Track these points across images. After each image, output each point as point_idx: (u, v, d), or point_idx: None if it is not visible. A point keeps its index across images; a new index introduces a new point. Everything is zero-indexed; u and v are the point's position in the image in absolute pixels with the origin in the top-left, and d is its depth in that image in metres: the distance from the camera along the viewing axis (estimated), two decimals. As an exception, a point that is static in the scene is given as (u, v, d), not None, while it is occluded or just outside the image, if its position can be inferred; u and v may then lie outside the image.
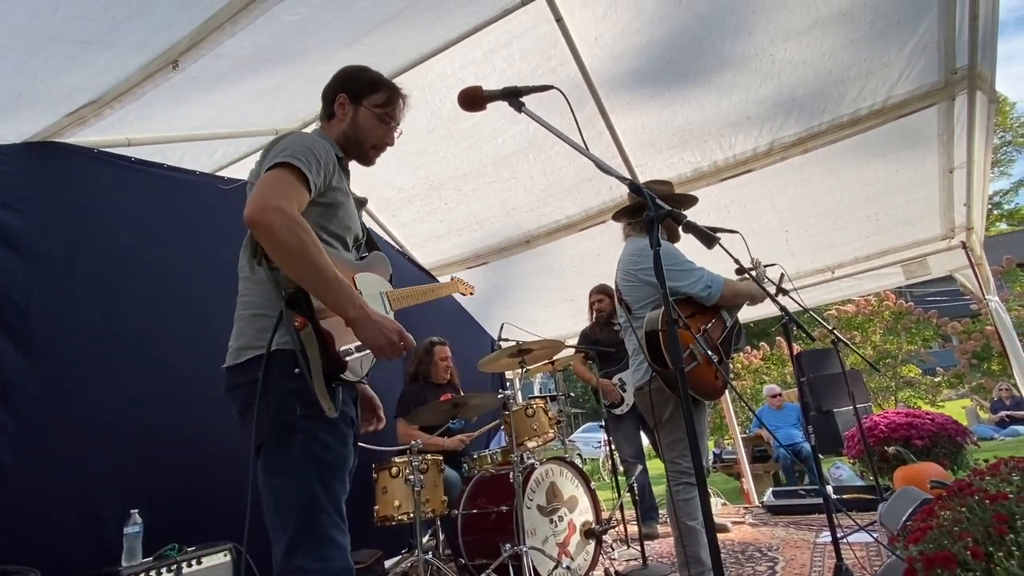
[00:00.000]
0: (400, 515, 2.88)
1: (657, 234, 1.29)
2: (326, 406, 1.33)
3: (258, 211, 1.28)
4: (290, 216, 1.29)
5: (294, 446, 1.33)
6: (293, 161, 1.36)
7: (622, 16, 3.22)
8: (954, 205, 4.28)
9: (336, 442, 1.39)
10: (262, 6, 2.07)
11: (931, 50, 3.32)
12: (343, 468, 1.41)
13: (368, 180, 4.21)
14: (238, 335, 1.45)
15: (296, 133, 1.53)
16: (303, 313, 1.35)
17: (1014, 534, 1.18)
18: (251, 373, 1.36)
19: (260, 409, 1.33)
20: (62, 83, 2.12)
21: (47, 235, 2.41)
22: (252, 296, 1.45)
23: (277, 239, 1.28)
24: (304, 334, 1.34)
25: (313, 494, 1.32)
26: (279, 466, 1.35)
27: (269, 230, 1.27)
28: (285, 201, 1.30)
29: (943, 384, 11.28)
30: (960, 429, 3.89)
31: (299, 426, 1.34)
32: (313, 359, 1.34)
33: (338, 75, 1.68)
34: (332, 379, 1.37)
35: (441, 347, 3.93)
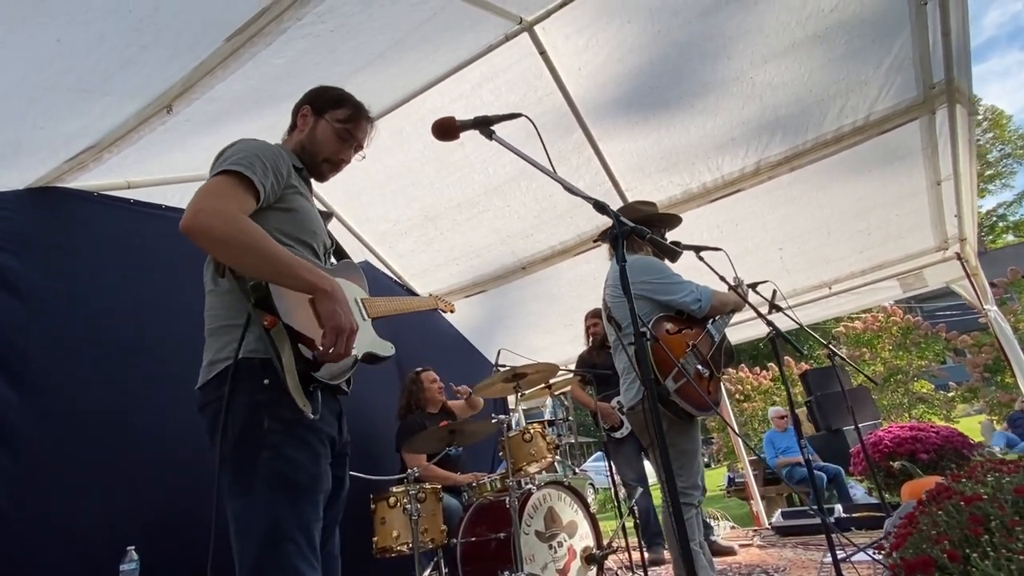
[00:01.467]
0: (399, 546, 2.85)
1: (622, 250, 1.34)
2: (301, 403, 1.25)
3: (190, 217, 1.23)
4: (224, 212, 1.24)
5: (259, 464, 1.23)
6: (234, 168, 1.32)
7: (603, 47, 3.33)
8: (945, 217, 4.31)
9: (308, 461, 1.29)
10: (250, 50, 2.17)
11: (907, 66, 3.40)
12: (315, 491, 1.29)
13: (364, 213, 4.32)
14: (207, 351, 1.39)
15: (243, 139, 1.48)
16: (271, 311, 1.28)
17: (989, 535, 1.18)
18: (219, 388, 1.29)
19: (225, 424, 1.24)
20: (61, 130, 2.21)
21: (48, 278, 2.48)
22: (217, 309, 1.40)
23: (216, 238, 1.23)
24: (275, 332, 1.28)
25: (278, 519, 1.21)
26: (242, 487, 1.24)
27: (206, 233, 1.22)
28: (220, 203, 1.26)
29: (957, 399, 11.09)
30: (966, 442, 3.84)
31: (266, 442, 1.24)
32: (286, 357, 1.27)
33: (308, 92, 1.71)
34: (309, 380, 1.30)
35: (426, 373, 3.95)
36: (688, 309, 2.40)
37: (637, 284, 2.44)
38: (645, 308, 2.41)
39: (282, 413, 1.25)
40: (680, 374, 2.15)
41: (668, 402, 2.18)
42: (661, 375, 2.15)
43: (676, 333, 2.30)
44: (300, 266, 1.30)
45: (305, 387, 1.29)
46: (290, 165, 1.53)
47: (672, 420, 2.31)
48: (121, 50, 1.86)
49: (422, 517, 2.82)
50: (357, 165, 3.87)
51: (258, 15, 2.01)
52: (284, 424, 1.26)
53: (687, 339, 2.35)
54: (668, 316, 2.39)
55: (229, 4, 1.94)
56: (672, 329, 2.31)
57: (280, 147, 1.57)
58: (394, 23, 2.53)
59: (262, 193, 1.36)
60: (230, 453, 1.25)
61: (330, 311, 1.29)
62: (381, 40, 2.66)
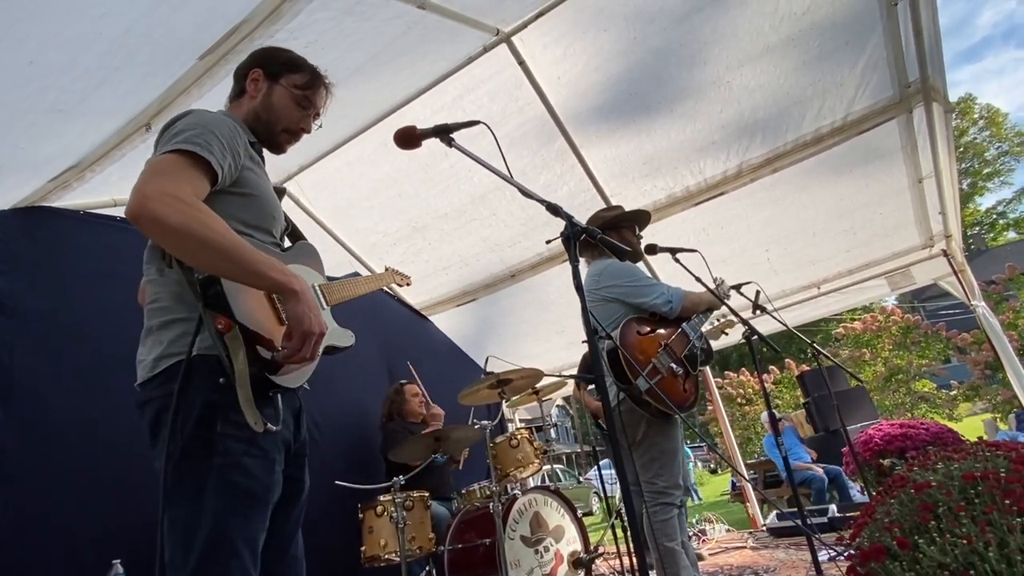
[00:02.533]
0: (387, 554, 2.87)
1: (575, 251, 1.36)
2: (252, 419, 1.15)
3: (137, 204, 1.08)
4: (177, 199, 1.09)
5: (210, 471, 1.14)
6: (187, 147, 1.17)
7: (580, 56, 3.38)
8: (929, 214, 4.33)
9: (262, 470, 1.20)
10: (224, 68, 2.22)
11: (882, 66, 3.44)
12: (267, 501, 1.22)
13: (353, 226, 4.36)
14: (152, 345, 1.25)
15: (196, 111, 1.33)
16: (226, 313, 1.17)
17: (936, 521, 1.20)
18: (167, 384, 1.17)
19: (174, 424, 1.14)
20: (42, 151, 2.26)
21: (33, 296, 2.52)
22: (164, 300, 1.26)
23: (169, 228, 1.08)
24: (230, 336, 1.16)
25: (225, 530, 1.13)
26: (189, 492, 1.14)
27: (157, 221, 1.08)
28: (171, 186, 1.11)
29: (959, 397, 11.04)
30: (956, 438, 3.82)
31: (219, 447, 1.15)
32: (239, 365, 1.16)
33: (254, 53, 1.55)
34: (269, 387, 1.21)
35: (409, 386, 4.03)
36: (660, 311, 2.43)
37: (609, 288, 2.48)
38: (619, 311, 2.44)
39: (237, 416, 1.15)
40: (651, 374, 2.18)
41: (641, 401, 2.20)
42: (632, 375, 2.17)
43: (648, 334, 2.33)
44: (266, 264, 1.16)
45: (263, 393, 1.20)
46: (246, 141, 1.40)
47: (650, 420, 2.33)
48: (94, 71, 1.91)
49: (409, 525, 2.83)
50: (344, 179, 3.95)
51: (229, 33, 2.07)
52: (238, 428, 1.16)
53: (660, 339, 2.37)
54: (640, 317, 2.42)
55: (200, 25, 1.99)
56: (643, 330, 2.34)
57: (234, 120, 1.42)
58: (368, 38, 2.58)
59: (220, 176, 1.23)
60: (178, 454, 1.15)
61: (300, 314, 1.18)
62: (357, 55, 2.71)
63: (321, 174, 3.73)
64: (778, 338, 4.92)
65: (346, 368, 4.06)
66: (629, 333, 2.32)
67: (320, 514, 3.30)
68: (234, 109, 1.52)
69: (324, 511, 3.32)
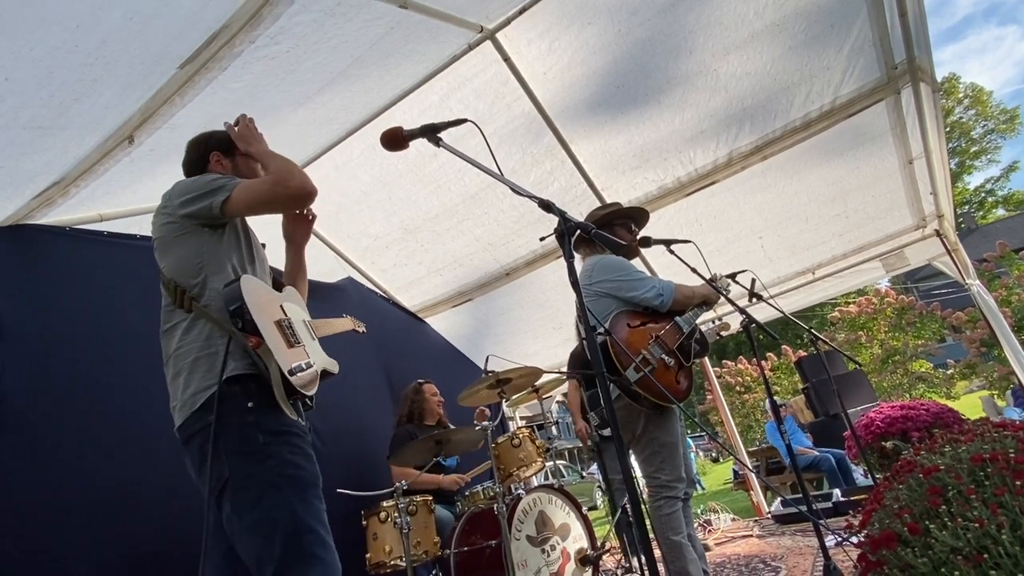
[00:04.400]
0: (393, 560, 2.84)
1: (570, 247, 1.34)
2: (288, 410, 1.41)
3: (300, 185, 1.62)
4: (243, 194, 1.56)
5: (264, 472, 1.36)
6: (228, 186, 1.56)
7: (565, 50, 3.35)
8: (920, 195, 4.33)
9: (305, 460, 1.44)
10: (206, 76, 2.19)
11: (868, 49, 3.43)
12: (317, 484, 1.46)
13: (343, 230, 4.32)
14: (185, 386, 1.47)
15: (197, 177, 1.70)
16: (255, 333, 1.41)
17: (947, 505, 1.18)
18: (204, 417, 1.39)
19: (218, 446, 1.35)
20: (23, 168, 2.22)
21: (21, 314, 2.48)
22: (187, 344, 1.51)
23: (261, 196, 1.58)
24: (262, 350, 1.41)
25: (295, 514, 1.34)
26: (252, 497, 1.35)
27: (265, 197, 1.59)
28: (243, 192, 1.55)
29: (956, 376, 11.10)
30: (957, 418, 3.83)
31: (266, 452, 1.38)
32: (273, 371, 1.41)
33: (194, 143, 1.85)
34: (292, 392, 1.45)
35: (428, 385, 3.96)
36: (651, 305, 2.42)
37: (601, 283, 2.46)
38: (611, 305, 2.43)
39: (272, 427, 1.39)
40: (640, 366, 2.16)
41: (633, 393, 2.18)
42: (621, 367, 2.16)
43: (638, 327, 2.31)
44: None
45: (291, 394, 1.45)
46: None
47: (647, 414, 2.31)
48: (72, 84, 1.87)
49: (413, 530, 2.81)
50: (333, 183, 3.91)
51: (209, 40, 2.03)
52: (276, 435, 1.40)
53: (650, 332, 2.36)
54: (631, 311, 2.41)
55: (179, 32, 1.95)
56: (634, 323, 2.33)
57: None
58: (351, 40, 2.55)
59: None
60: (231, 474, 1.36)
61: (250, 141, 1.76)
62: (340, 58, 2.67)
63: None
64: (774, 325, 4.89)
65: (344, 374, 4.00)
66: (619, 326, 2.31)
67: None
68: None
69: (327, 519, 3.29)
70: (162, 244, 1.63)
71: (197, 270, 1.57)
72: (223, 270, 1.58)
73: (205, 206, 1.57)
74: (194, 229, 1.60)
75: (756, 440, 12.45)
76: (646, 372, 2.10)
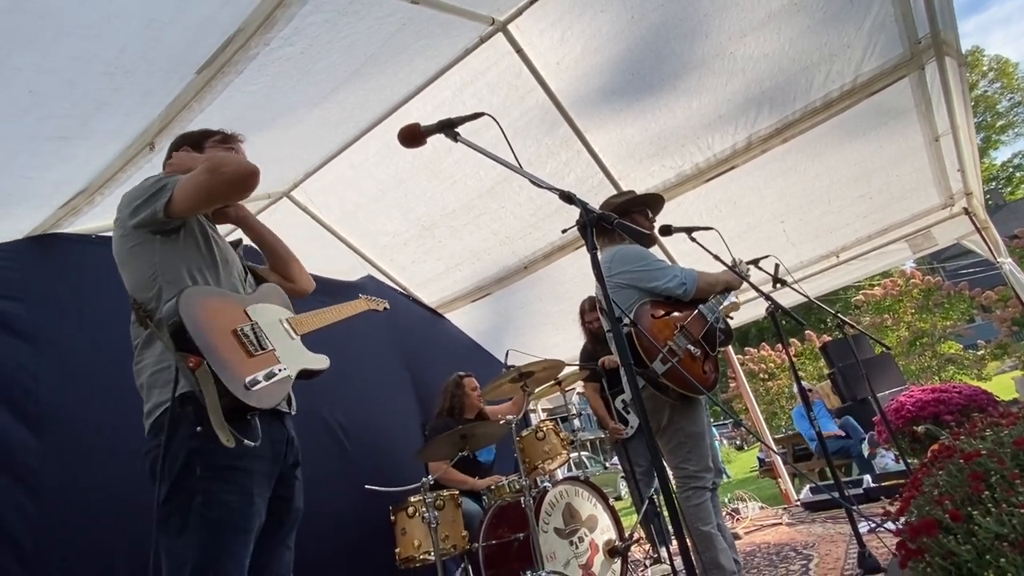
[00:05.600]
0: (422, 555, 2.87)
1: (592, 238, 1.33)
2: (224, 437, 1.30)
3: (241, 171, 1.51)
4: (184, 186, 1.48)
5: (192, 508, 1.32)
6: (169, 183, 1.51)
7: (578, 39, 3.31)
8: (948, 173, 4.22)
9: (240, 502, 1.37)
10: (223, 80, 2.20)
11: (890, 24, 3.34)
12: (246, 529, 1.38)
13: (361, 228, 4.34)
14: (145, 402, 1.47)
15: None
16: (194, 351, 1.32)
17: (990, 490, 1.15)
18: (158, 436, 1.37)
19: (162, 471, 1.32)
20: (49, 178, 2.26)
21: (52, 321, 2.53)
22: (146, 359, 1.49)
23: (198, 190, 1.47)
24: (200, 372, 1.31)
25: (210, 559, 1.30)
26: (177, 527, 1.32)
27: (200, 193, 1.48)
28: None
29: (987, 356, 10.84)
30: (991, 399, 3.74)
31: (198, 487, 1.33)
32: (209, 396, 1.31)
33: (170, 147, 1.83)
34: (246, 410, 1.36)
35: (468, 379, 3.96)
36: (674, 294, 2.38)
37: (621, 274, 2.44)
38: (633, 296, 2.40)
39: (214, 460, 1.33)
40: (667, 357, 2.13)
41: (660, 385, 2.16)
42: (648, 359, 2.13)
43: (663, 317, 2.28)
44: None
45: (242, 416, 1.35)
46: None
47: (673, 404, 2.29)
48: (94, 94, 1.90)
49: (441, 524, 2.83)
50: (350, 182, 3.93)
51: (224, 44, 2.04)
52: (216, 471, 1.33)
53: (675, 322, 2.33)
54: (655, 301, 2.38)
55: (195, 38, 1.97)
56: (658, 313, 2.30)
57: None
58: (363, 39, 2.55)
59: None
60: (166, 496, 1.33)
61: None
62: (354, 56, 2.68)
63: (326, 179, 3.71)
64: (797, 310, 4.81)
65: (367, 371, 4.06)
66: (644, 317, 2.28)
67: (351, 518, 3.32)
68: None
69: (355, 514, 3.33)
70: (119, 260, 1.58)
71: (151, 283, 1.50)
72: (178, 279, 1.51)
73: (150, 212, 1.49)
74: (146, 239, 1.53)
75: (781, 427, 12.31)
76: (674, 363, 2.07)
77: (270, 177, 3.52)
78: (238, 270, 1.69)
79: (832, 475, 2.25)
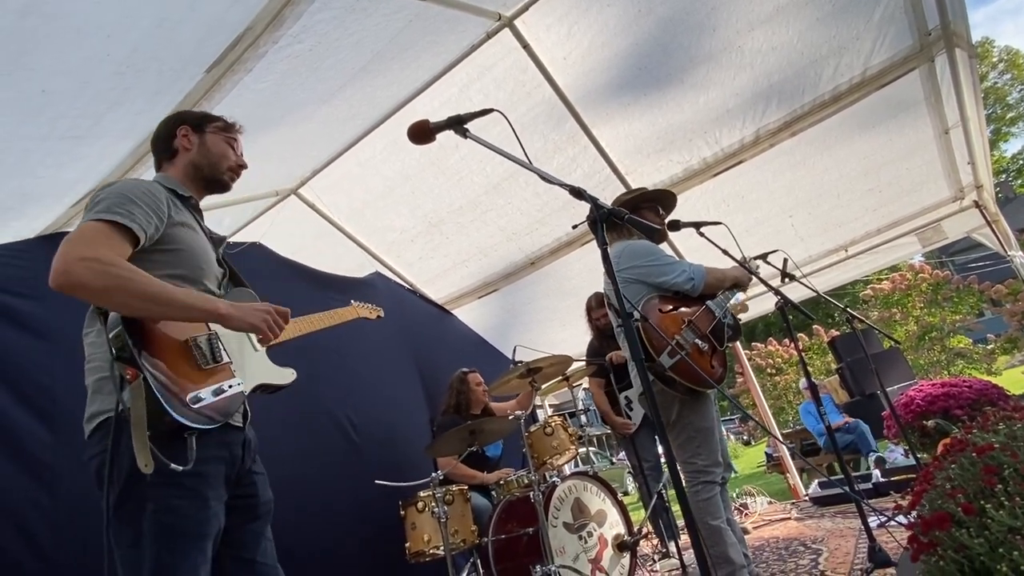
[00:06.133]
0: (432, 549, 2.89)
1: (602, 233, 1.33)
2: (142, 461, 1.20)
3: (59, 272, 1.20)
4: (97, 259, 1.21)
5: (144, 517, 1.26)
6: (107, 216, 1.29)
7: (585, 33, 3.31)
8: (958, 165, 4.19)
9: (193, 508, 1.31)
10: (232, 79, 2.22)
11: (899, 16, 3.31)
12: (202, 535, 1.32)
13: (369, 225, 4.36)
14: (89, 404, 1.39)
15: (116, 184, 1.44)
16: (132, 363, 1.25)
17: (1003, 484, 1.15)
18: (102, 442, 1.29)
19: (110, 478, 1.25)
20: (62, 177, 2.28)
21: (68, 320, 2.55)
22: (96, 360, 1.39)
23: (96, 289, 1.21)
24: (133, 385, 1.24)
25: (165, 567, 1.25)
26: (130, 538, 1.27)
27: (82, 286, 1.21)
28: (91, 250, 1.23)
29: (997, 350, 10.77)
30: (1002, 393, 3.71)
31: (149, 494, 1.26)
32: (136, 412, 1.23)
33: (165, 121, 1.68)
34: (183, 430, 1.28)
35: (473, 375, 3.97)
36: (682, 289, 2.38)
37: (629, 269, 2.44)
38: (641, 291, 2.40)
39: (163, 466, 1.24)
40: (674, 351, 2.14)
41: (667, 379, 2.17)
42: (655, 353, 2.14)
43: (670, 311, 2.28)
44: (194, 299, 1.34)
45: (178, 436, 1.28)
46: (169, 200, 1.49)
47: (682, 399, 2.30)
48: (106, 93, 1.91)
49: (451, 519, 2.84)
50: (357, 179, 3.94)
51: (234, 42, 2.05)
52: (167, 476, 1.25)
53: (683, 317, 2.33)
54: (663, 296, 2.38)
55: (204, 36, 1.98)
56: (666, 308, 2.30)
57: (155, 184, 1.52)
58: (371, 36, 2.55)
59: (142, 238, 1.35)
60: (115, 505, 1.27)
61: (245, 323, 1.41)
62: (362, 53, 2.68)
63: (334, 177, 3.72)
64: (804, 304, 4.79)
65: (376, 368, 4.08)
66: (652, 312, 2.28)
67: (362, 513, 3.35)
68: (169, 170, 1.64)
69: (365, 510, 3.35)
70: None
71: None
72: None
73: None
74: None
75: (788, 422, 12.28)
76: (683, 355, 2.08)
77: (278, 175, 3.54)
78: (215, 270, 1.60)
79: (841, 469, 2.24)
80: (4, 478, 2.19)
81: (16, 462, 2.24)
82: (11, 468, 2.22)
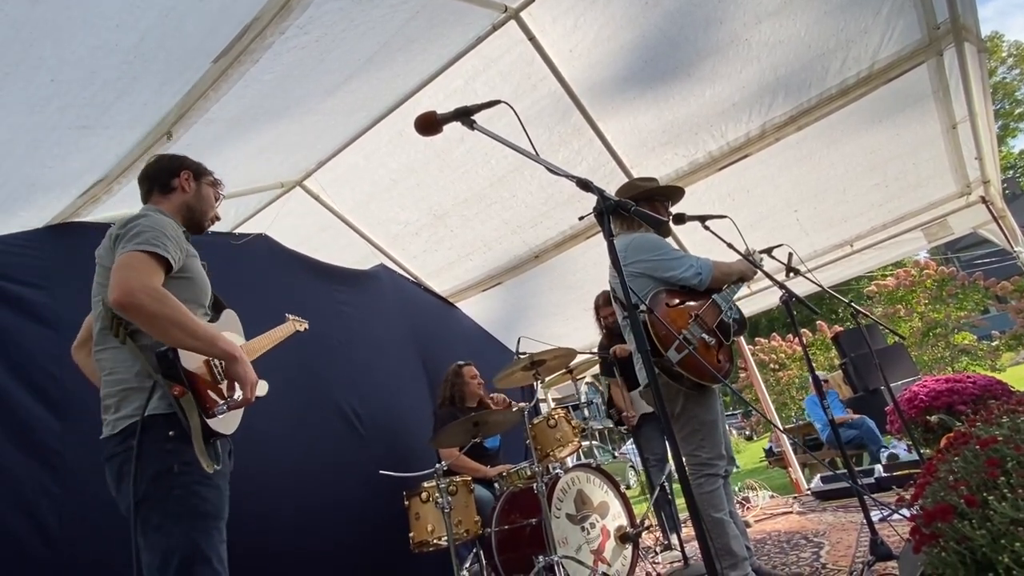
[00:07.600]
0: (435, 539, 2.91)
1: (609, 225, 1.33)
2: (205, 464, 1.46)
3: (125, 294, 1.41)
4: (155, 290, 1.44)
5: (171, 500, 1.43)
6: (149, 248, 1.51)
7: (592, 26, 3.29)
8: (965, 160, 4.16)
9: (212, 495, 1.50)
10: (239, 70, 2.22)
11: (908, 9, 3.29)
12: (220, 518, 1.52)
13: (373, 217, 4.36)
14: (115, 409, 1.54)
15: (146, 218, 1.64)
16: (179, 381, 1.47)
17: (1005, 476, 1.16)
18: (127, 441, 1.47)
19: (137, 471, 1.42)
20: (69, 167, 2.29)
21: (73, 308, 2.56)
22: (120, 373, 1.55)
23: (150, 315, 1.42)
24: (184, 400, 1.47)
25: (195, 545, 1.42)
26: (158, 520, 1.43)
27: (140, 310, 1.42)
28: (148, 280, 1.45)
29: (1001, 347, 10.73)
30: (1006, 389, 3.70)
31: (176, 482, 1.44)
32: (194, 422, 1.46)
33: (167, 158, 1.89)
34: (211, 435, 1.51)
35: (468, 368, 3.98)
36: (689, 283, 2.38)
37: (636, 262, 2.44)
38: (648, 285, 2.40)
39: (188, 458, 1.46)
40: (682, 345, 2.14)
41: (674, 374, 2.17)
42: (662, 347, 2.14)
43: (677, 306, 2.28)
44: (216, 338, 1.55)
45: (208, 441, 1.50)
46: (184, 234, 1.73)
47: (687, 393, 2.30)
48: (114, 83, 1.92)
49: (454, 509, 2.86)
50: (362, 171, 3.95)
51: (241, 33, 2.05)
52: (189, 466, 1.46)
53: (690, 311, 2.33)
54: (669, 290, 2.38)
55: (212, 26, 1.98)
56: (673, 302, 2.30)
57: (172, 218, 1.76)
58: (377, 27, 2.55)
59: (174, 266, 1.57)
60: (144, 497, 1.43)
61: (243, 374, 1.60)
62: (367, 45, 2.68)
63: (339, 169, 3.73)
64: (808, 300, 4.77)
65: (381, 360, 4.10)
66: (658, 306, 2.28)
67: (366, 503, 3.37)
68: (163, 203, 1.82)
69: (370, 500, 3.38)
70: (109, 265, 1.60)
71: None
72: None
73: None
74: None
75: (791, 417, 12.28)
76: (690, 350, 2.08)
77: (283, 166, 3.55)
78: (210, 294, 1.81)
79: (845, 463, 2.25)
80: (13, 465, 2.22)
81: (25, 450, 2.27)
82: (20, 455, 2.25)
